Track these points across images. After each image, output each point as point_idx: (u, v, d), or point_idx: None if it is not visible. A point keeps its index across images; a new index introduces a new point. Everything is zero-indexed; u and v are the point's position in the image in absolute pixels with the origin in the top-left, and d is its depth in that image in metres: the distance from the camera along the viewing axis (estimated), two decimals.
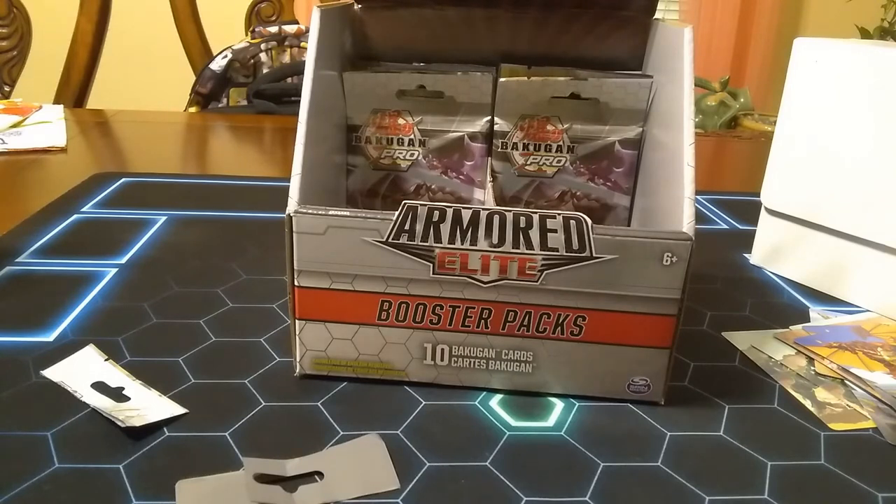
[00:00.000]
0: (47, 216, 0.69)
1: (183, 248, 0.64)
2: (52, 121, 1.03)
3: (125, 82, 2.17)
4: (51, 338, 0.48)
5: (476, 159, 0.55)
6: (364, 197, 0.56)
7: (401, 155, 0.55)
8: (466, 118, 0.53)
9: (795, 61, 0.59)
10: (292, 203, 0.40)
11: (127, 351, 0.47)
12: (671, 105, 0.46)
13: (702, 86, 2.45)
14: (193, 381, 0.44)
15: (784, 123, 0.60)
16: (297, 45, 1.35)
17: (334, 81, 0.51)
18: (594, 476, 0.37)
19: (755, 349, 0.50)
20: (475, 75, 0.52)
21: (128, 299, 0.54)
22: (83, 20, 1.36)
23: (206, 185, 0.81)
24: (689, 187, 0.41)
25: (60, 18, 1.59)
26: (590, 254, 0.39)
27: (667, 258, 0.39)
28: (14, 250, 0.61)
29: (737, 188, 0.89)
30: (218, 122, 1.17)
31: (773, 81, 2.77)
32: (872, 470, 0.39)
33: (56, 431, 0.39)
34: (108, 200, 0.75)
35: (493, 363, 0.42)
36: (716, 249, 0.68)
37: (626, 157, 0.53)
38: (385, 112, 0.54)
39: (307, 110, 0.43)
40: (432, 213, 0.39)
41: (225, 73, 1.30)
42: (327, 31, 0.48)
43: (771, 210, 0.62)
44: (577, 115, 0.53)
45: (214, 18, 1.56)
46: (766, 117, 2.35)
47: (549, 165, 0.54)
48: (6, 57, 1.39)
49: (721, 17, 2.79)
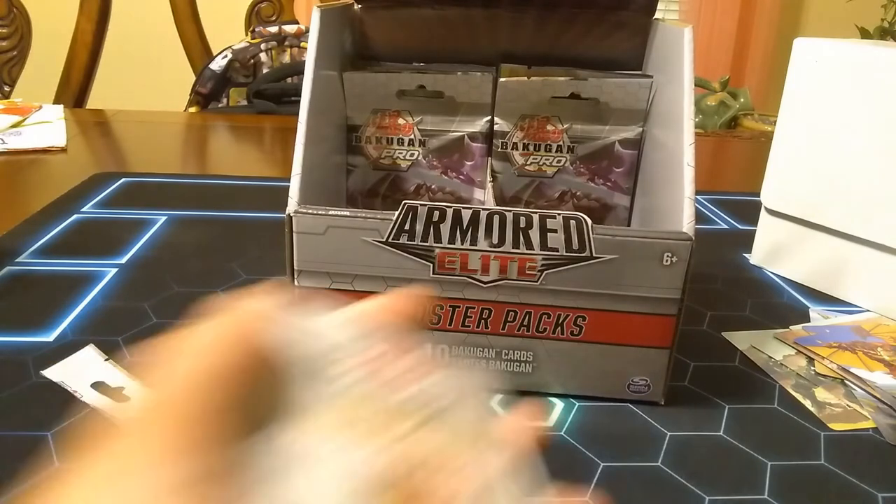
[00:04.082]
0: (47, 216, 0.69)
1: (183, 248, 0.64)
2: (52, 121, 1.03)
3: (125, 82, 2.17)
4: (51, 338, 0.48)
5: (476, 159, 0.55)
6: (364, 197, 0.56)
7: (401, 155, 0.55)
8: (466, 118, 0.53)
9: (795, 61, 0.59)
10: (292, 203, 0.40)
11: (127, 351, 0.47)
12: (671, 105, 0.46)
13: (702, 86, 2.45)
14: None
15: (784, 123, 0.60)
16: (297, 46, 1.35)
17: (334, 81, 0.51)
18: (594, 476, 0.37)
19: (755, 349, 0.50)
20: (475, 75, 0.52)
21: (128, 299, 0.54)
22: (83, 20, 1.36)
23: (206, 185, 0.81)
24: (689, 187, 0.41)
25: (60, 18, 1.59)
26: (590, 254, 0.39)
27: (667, 258, 0.39)
28: (14, 250, 0.61)
29: (737, 188, 0.89)
30: (218, 122, 1.17)
31: (773, 81, 2.77)
32: (872, 470, 0.39)
33: (56, 431, 0.39)
34: (108, 200, 0.75)
35: (493, 363, 0.42)
36: (716, 249, 0.68)
37: (626, 157, 0.53)
38: (385, 112, 0.54)
39: (307, 110, 0.43)
40: (432, 213, 0.39)
41: (225, 73, 1.30)
42: (327, 31, 0.47)
43: (771, 210, 0.62)
44: (577, 115, 0.53)
45: (214, 18, 1.56)
46: (766, 117, 2.35)
47: (549, 165, 0.54)
48: (6, 57, 1.39)
49: (721, 17, 2.79)
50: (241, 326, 0.17)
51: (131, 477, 0.14)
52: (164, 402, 0.16)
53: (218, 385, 0.16)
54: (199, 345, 0.17)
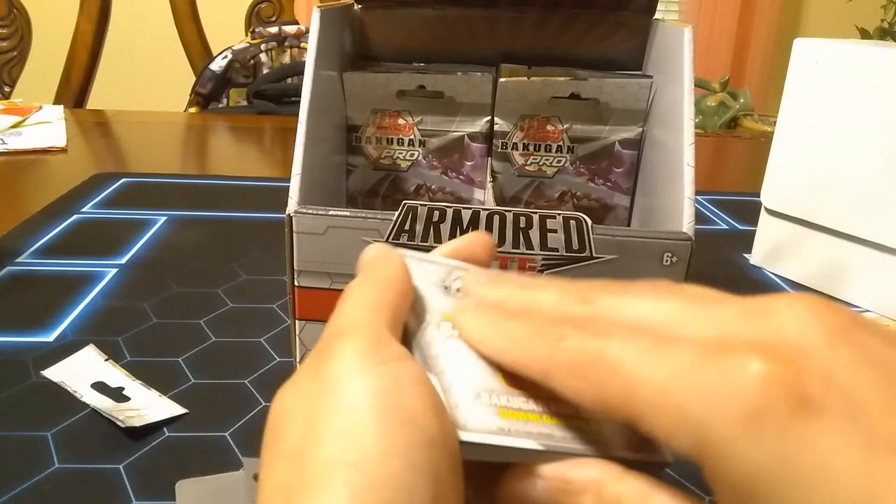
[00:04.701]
0: (47, 216, 0.69)
1: (183, 248, 0.64)
2: (53, 121, 1.03)
3: (125, 82, 2.17)
4: (51, 338, 0.48)
5: (476, 159, 0.55)
6: (364, 197, 0.56)
7: (401, 155, 0.55)
8: (466, 118, 0.53)
9: (795, 61, 0.59)
10: (292, 203, 0.40)
11: (127, 351, 0.47)
12: (671, 105, 0.46)
13: (702, 86, 2.45)
14: (193, 381, 0.44)
15: (784, 124, 0.60)
16: (297, 46, 1.35)
17: (334, 81, 0.51)
18: None
19: None
20: (475, 75, 0.52)
21: (128, 299, 0.54)
22: (83, 20, 1.36)
23: (206, 186, 0.81)
24: (689, 187, 0.41)
25: (60, 19, 1.59)
26: (590, 254, 0.39)
27: (667, 258, 0.39)
28: (14, 250, 0.61)
29: (737, 188, 0.89)
30: (218, 122, 1.17)
31: (773, 81, 2.77)
32: None
33: (56, 431, 0.39)
34: (108, 200, 0.75)
35: None
36: (716, 249, 0.68)
37: (626, 157, 0.53)
38: (385, 112, 0.54)
39: (307, 110, 0.43)
40: (432, 213, 0.39)
41: (225, 74, 1.30)
42: (327, 32, 0.47)
43: (771, 210, 0.62)
44: (577, 116, 0.53)
45: (214, 18, 1.56)
46: (766, 117, 2.35)
47: (549, 165, 0.54)
48: (6, 57, 1.39)
49: (721, 17, 2.79)
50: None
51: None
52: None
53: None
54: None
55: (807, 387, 0.15)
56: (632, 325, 0.18)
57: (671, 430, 0.16)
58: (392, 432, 0.17)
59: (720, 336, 0.17)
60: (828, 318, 0.16)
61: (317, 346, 0.20)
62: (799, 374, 0.15)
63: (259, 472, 0.18)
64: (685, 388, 0.16)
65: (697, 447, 0.16)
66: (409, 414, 0.17)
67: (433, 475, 0.17)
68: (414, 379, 0.18)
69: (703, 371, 0.16)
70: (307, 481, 0.16)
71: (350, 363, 0.18)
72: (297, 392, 0.19)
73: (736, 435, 0.15)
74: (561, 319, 0.19)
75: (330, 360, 0.19)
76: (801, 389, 0.15)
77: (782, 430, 0.15)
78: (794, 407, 0.15)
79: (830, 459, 0.14)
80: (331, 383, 0.18)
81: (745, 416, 0.15)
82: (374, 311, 0.20)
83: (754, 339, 0.16)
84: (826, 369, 0.15)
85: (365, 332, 0.19)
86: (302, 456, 0.17)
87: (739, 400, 0.15)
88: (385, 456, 0.16)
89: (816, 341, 0.16)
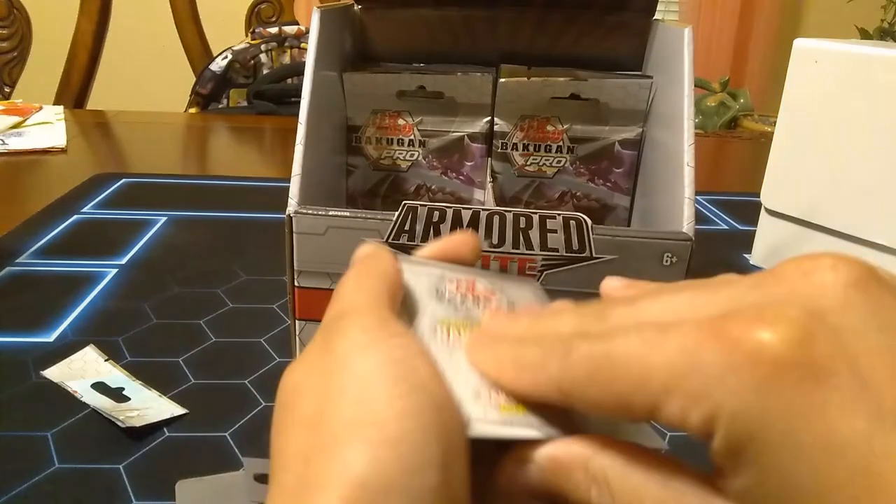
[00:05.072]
0: (47, 216, 0.69)
1: (183, 248, 0.64)
2: (53, 121, 1.03)
3: (125, 83, 2.17)
4: (51, 338, 0.48)
5: (476, 160, 0.55)
6: (364, 197, 0.56)
7: (401, 155, 0.55)
8: (466, 119, 0.53)
9: (795, 62, 0.59)
10: (292, 203, 0.40)
11: (127, 351, 0.47)
12: (671, 105, 0.46)
13: (702, 86, 2.45)
14: (193, 382, 0.44)
15: (784, 124, 0.60)
16: (298, 46, 1.35)
17: (334, 82, 0.51)
18: None
19: None
20: (475, 76, 0.52)
21: (128, 299, 0.54)
22: (83, 21, 1.36)
23: (206, 186, 0.81)
24: (689, 188, 0.41)
25: (60, 19, 1.59)
26: (590, 254, 0.39)
27: (667, 258, 0.39)
28: (14, 250, 0.61)
29: (737, 188, 0.89)
30: (218, 122, 1.17)
31: (773, 82, 2.77)
32: None
33: (56, 431, 0.39)
34: (108, 201, 0.75)
35: None
36: (716, 249, 0.68)
37: (626, 157, 0.53)
38: (385, 112, 0.54)
39: (307, 111, 0.43)
40: (432, 213, 0.39)
41: (225, 74, 1.30)
42: (327, 32, 0.47)
43: (771, 210, 0.62)
44: (577, 116, 0.53)
45: (214, 19, 1.56)
46: (765, 118, 2.35)
47: (549, 166, 0.54)
48: (6, 58, 1.39)
49: (721, 18, 2.79)
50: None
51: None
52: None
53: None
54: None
55: (814, 351, 0.15)
56: (639, 321, 0.18)
57: (686, 411, 0.16)
58: (405, 395, 0.18)
59: (728, 310, 0.17)
60: (841, 272, 0.16)
61: (321, 328, 0.21)
62: (807, 338, 0.15)
63: (271, 443, 0.19)
64: (694, 365, 0.16)
65: (709, 423, 0.16)
66: (418, 380, 0.18)
67: (443, 436, 0.18)
68: (420, 351, 0.20)
69: (710, 345, 0.16)
70: (326, 443, 0.17)
71: (360, 338, 0.19)
72: (308, 367, 0.20)
73: (746, 404, 0.15)
74: (571, 335, 0.19)
75: (339, 337, 0.20)
76: (808, 353, 0.15)
77: (789, 396, 0.15)
78: (802, 373, 0.15)
79: (836, 426, 0.14)
80: (343, 356, 0.19)
81: (753, 384, 0.15)
82: (374, 295, 0.21)
83: (762, 306, 0.16)
84: (835, 330, 0.15)
85: (369, 312, 0.20)
86: (319, 422, 0.18)
87: (747, 370, 0.15)
88: (400, 416, 0.17)
89: (828, 300, 0.16)
